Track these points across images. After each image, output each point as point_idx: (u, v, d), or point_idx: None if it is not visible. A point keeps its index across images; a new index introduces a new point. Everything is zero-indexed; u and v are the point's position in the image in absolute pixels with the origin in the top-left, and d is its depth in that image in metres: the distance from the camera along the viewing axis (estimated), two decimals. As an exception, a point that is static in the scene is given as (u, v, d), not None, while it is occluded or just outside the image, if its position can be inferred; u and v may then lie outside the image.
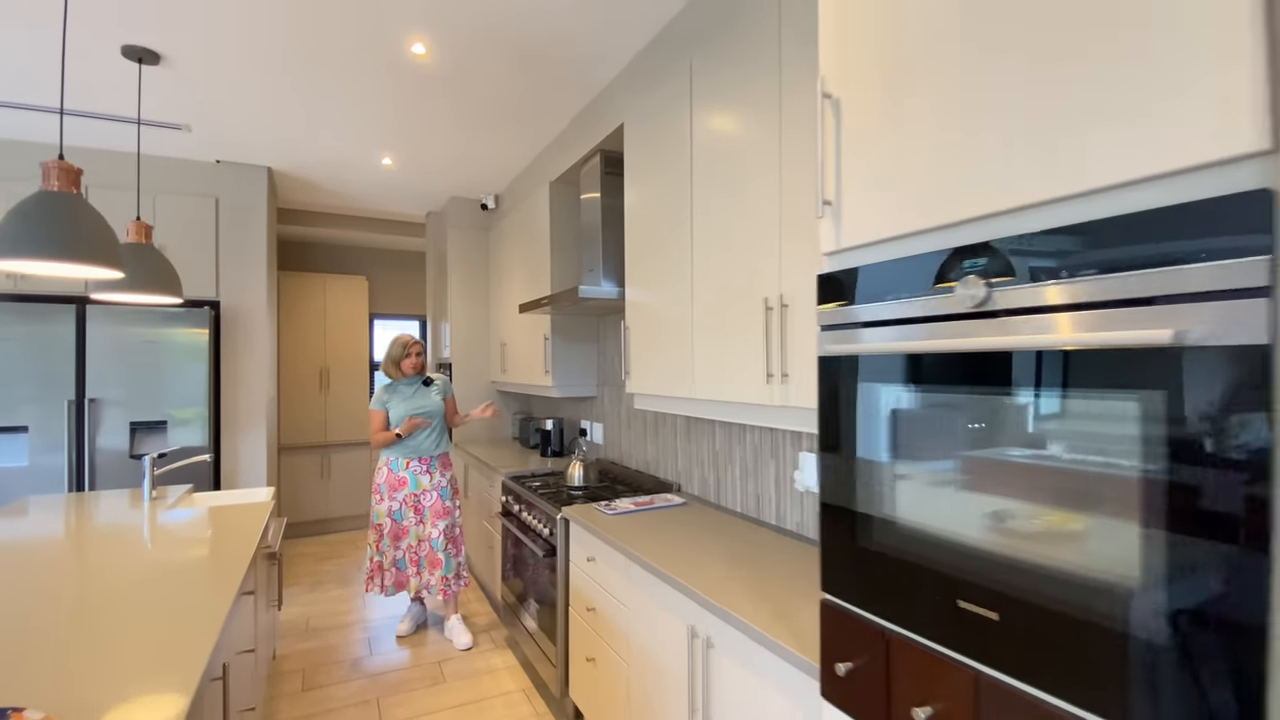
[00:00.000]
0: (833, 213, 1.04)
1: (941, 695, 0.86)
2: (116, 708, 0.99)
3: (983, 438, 0.81)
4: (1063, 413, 0.72)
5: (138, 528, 2.10)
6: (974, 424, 0.82)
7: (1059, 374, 0.72)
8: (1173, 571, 0.62)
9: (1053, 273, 0.73)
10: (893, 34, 0.95)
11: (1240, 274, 0.58)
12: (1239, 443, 0.58)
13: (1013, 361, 0.77)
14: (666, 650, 1.65)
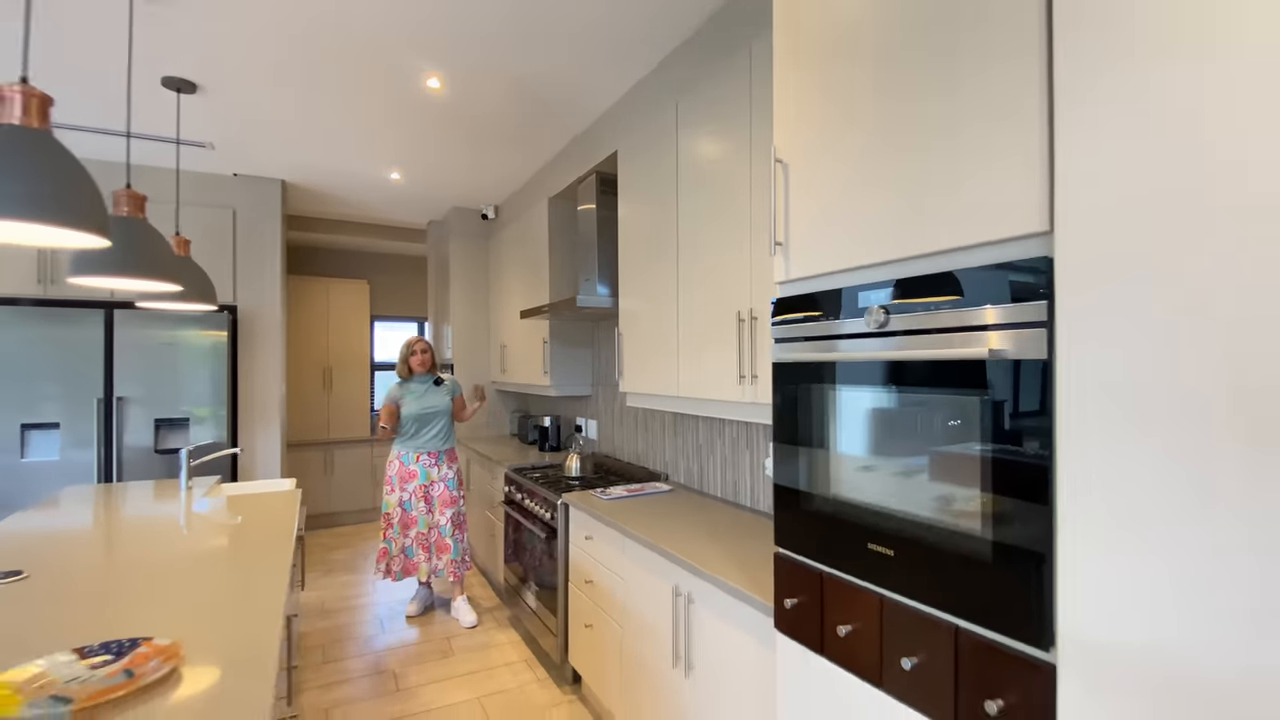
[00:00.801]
0: (783, 251, 1.34)
1: (858, 616, 1.16)
2: (223, 634, 1.27)
3: (883, 424, 1.11)
4: (929, 405, 1.02)
5: (189, 511, 2.37)
6: (872, 416, 1.12)
7: (926, 377, 1.02)
8: (997, 519, 0.92)
9: (925, 305, 1.03)
10: (819, 123, 1.25)
11: (1030, 312, 0.88)
12: (1030, 425, 0.88)
13: (898, 368, 1.07)
14: (655, 609, 1.95)
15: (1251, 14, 0.68)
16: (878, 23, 1.13)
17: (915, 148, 1.05)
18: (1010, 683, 0.91)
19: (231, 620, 1.35)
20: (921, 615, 1.04)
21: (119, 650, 1.16)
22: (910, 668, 1.05)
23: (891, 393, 1.09)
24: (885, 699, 1.11)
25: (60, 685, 1.05)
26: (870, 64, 1.15)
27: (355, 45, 2.36)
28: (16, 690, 1.03)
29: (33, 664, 1.11)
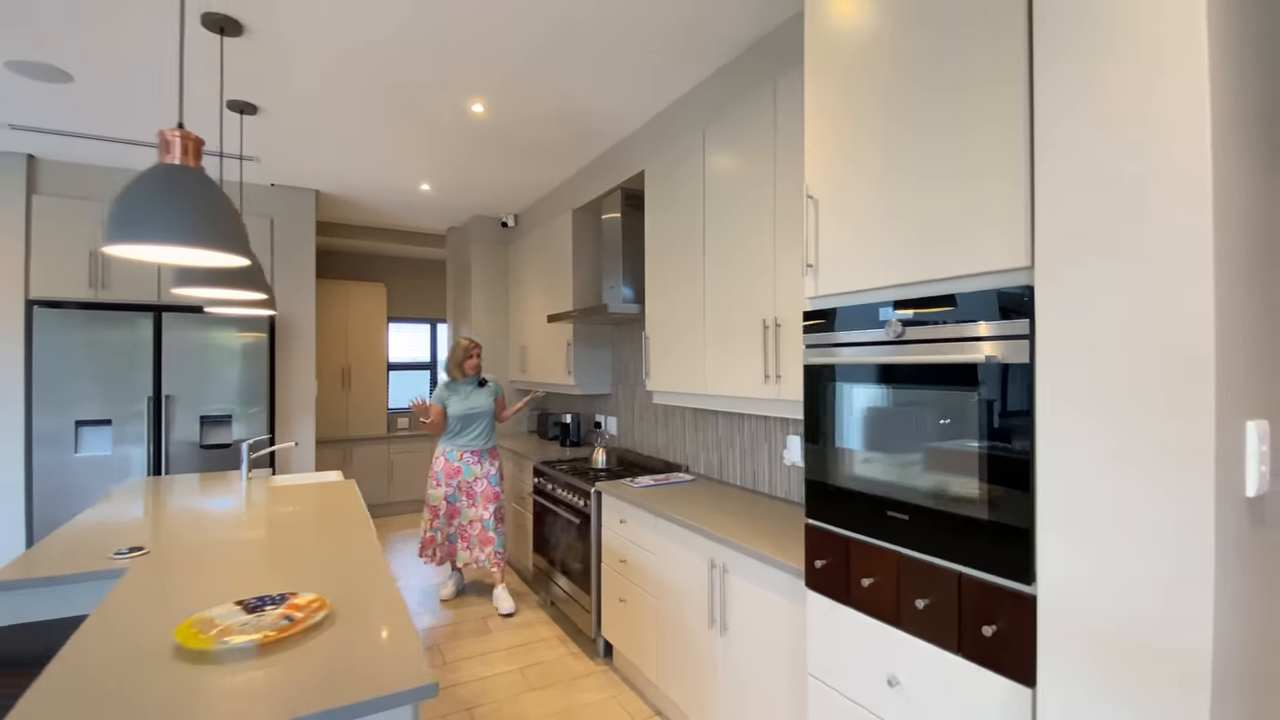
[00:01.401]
0: (813, 272, 1.61)
1: (879, 571, 1.43)
2: (348, 592, 1.51)
3: (896, 415, 1.37)
4: (938, 402, 1.29)
5: (265, 496, 2.60)
6: (891, 409, 1.38)
7: (935, 377, 1.29)
8: (991, 497, 1.19)
9: (933, 320, 1.30)
10: (844, 168, 1.51)
11: (1016, 327, 1.15)
12: (1015, 423, 1.15)
13: (914, 370, 1.34)
14: (690, 580, 2.21)
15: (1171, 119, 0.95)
16: (891, 89, 1.40)
17: (925, 194, 1.32)
18: (1002, 611, 1.18)
19: (350, 581, 1.60)
20: (931, 566, 1.31)
21: (273, 602, 1.41)
22: (923, 607, 1.32)
23: (907, 389, 1.36)
24: (902, 635, 1.37)
25: (237, 628, 1.30)
26: (886, 120, 1.42)
27: (410, 74, 2.60)
28: (205, 629, 1.27)
29: (206, 612, 1.36)
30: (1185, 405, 0.93)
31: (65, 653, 1.20)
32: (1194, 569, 0.92)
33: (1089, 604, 1.04)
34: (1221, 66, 0.94)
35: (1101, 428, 1.03)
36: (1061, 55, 1.09)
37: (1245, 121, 0.99)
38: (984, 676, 1.21)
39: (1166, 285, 0.95)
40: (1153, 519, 0.97)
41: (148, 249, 1.46)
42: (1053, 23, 1.10)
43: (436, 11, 2.14)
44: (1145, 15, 0.98)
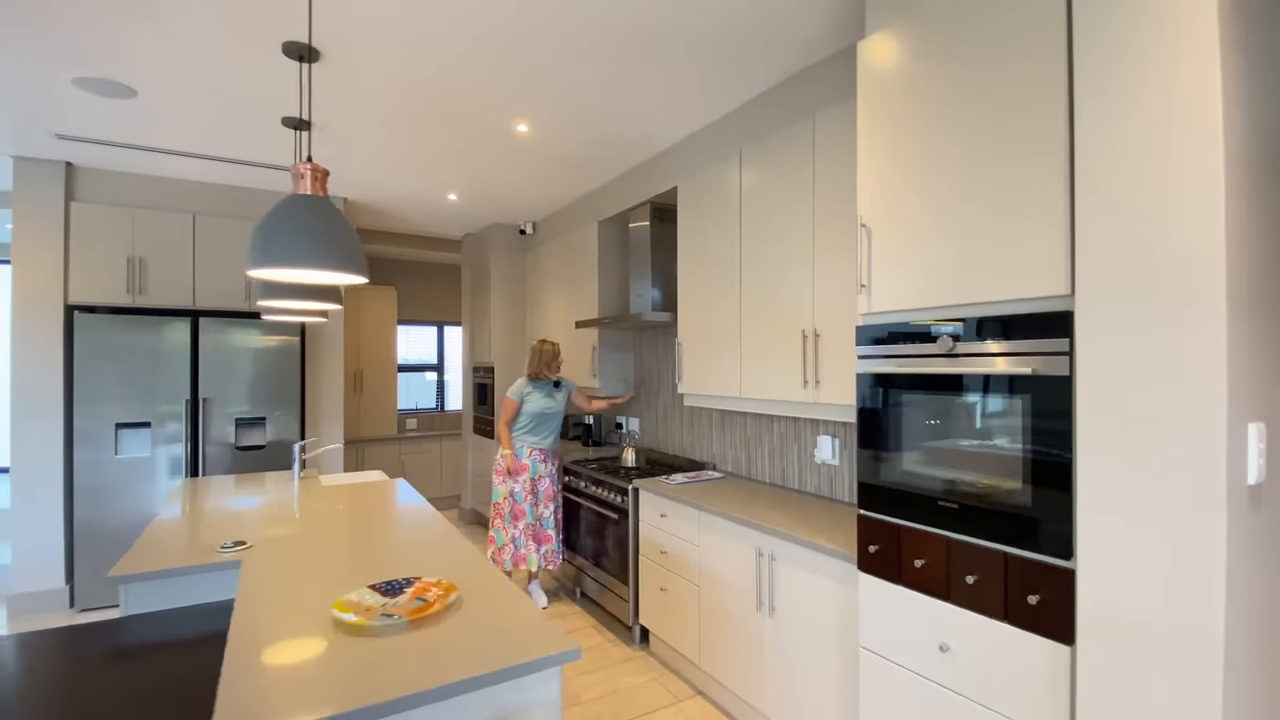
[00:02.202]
0: (866, 292, 1.82)
1: (928, 553, 1.65)
2: (460, 573, 1.69)
3: (945, 418, 1.59)
4: (981, 408, 1.51)
5: (325, 494, 2.75)
6: (940, 413, 1.61)
7: (985, 386, 1.51)
8: (1038, 493, 1.42)
9: (985, 335, 1.52)
10: (896, 199, 1.73)
11: (1057, 345, 1.38)
12: (1056, 425, 1.38)
13: (963, 380, 1.56)
14: (736, 568, 2.42)
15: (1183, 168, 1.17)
16: (938, 134, 1.62)
17: (972, 229, 1.55)
18: (1044, 583, 1.41)
19: (453, 566, 1.77)
20: (980, 547, 1.53)
21: (402, 586, 1.58)
22: (972, 583, 1.55)
23: (955, 395, 1.58)
24: (951, 607, 1.60)
25: (379, 608, 1.47)
26: (934, 161, 1.64)
27: (465, 98, 2.77)
28: (356, 609, 1.44)
29: (349, 595, 1.53)
30: (1202, 412, 1.16)
31: (237, 632, 1.36)
32: (1209, 541, 1.15)
33: (1123, 574, 1.27)
34: (1237, 129, 1.17)
35: (1132, 428, 1.26)
36: (1096, 122, 1.31)
37: (1253, 172, 1.23)
38: (1028, 639, 1.44)
39: (1188, 315, 1.18)
40: (1176, 503, 1.20)
41: (288, 272, 1.62)
42: (1089, 94, 1.33)
43: (499, 43, 2.31)
44: (1168, 88, 1.21)
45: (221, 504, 2.60)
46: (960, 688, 1.58)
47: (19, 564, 3.51)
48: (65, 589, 3.59)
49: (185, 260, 3.90)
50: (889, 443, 1.76)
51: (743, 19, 2.15)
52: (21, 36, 2.25)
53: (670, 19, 2.14)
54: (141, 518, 3.69)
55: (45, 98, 2.77)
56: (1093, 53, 1.32)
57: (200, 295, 3.95)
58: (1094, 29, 1.32)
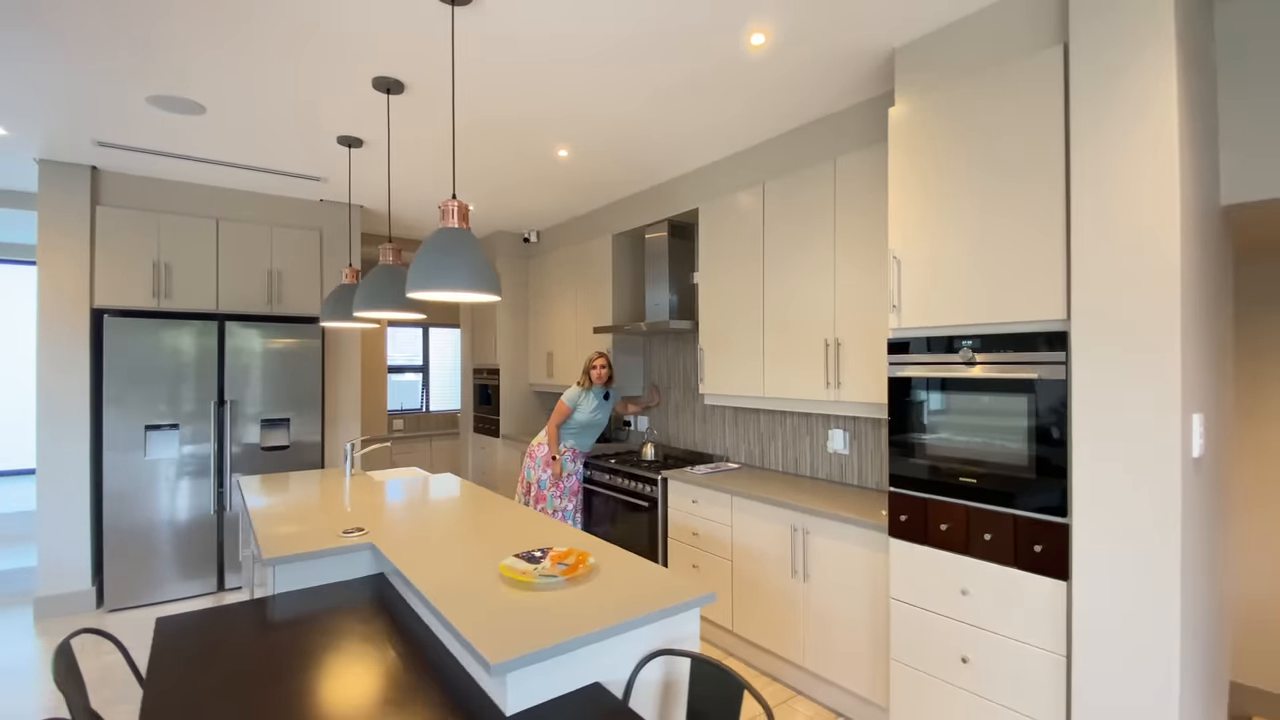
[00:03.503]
0: (896, 311, 2.26)
1: (951, 519, 2.10)
2: (577, 543, 2.01)
3: (964, 412, 2.04)
4: (995, 404, 1.96)
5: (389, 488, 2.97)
6: (960, 408, 2.05)
7: (997, 388, 1.97)
8: (1041, 468, 1.88)
9: (998, 347, 1.98)
10: (923, 235, 2.17)
11: (1056, 356, 1.84)
12: (1054, 415, 1.84)
13: (980, 382, 2.01)
14: (770, 543, 2.82)
15: (1158, 241, 1.65)
16: (959, 183, 2.07)
17: (989, 261, 2.00)
18: (1046, 536, 1.87)
19: (561, 537, 2.08)
20: (994, 512, 1.99)
21: (541, 554, 1.89)
22: (989, 539, 2.00)
23: (973, 394, 2.03)
24: (970, 560, 2.04)
25: (534, 571, 1.78)
26: (955, 204, 2.09)
27: (521, 128, 3.05)
28: (517, 571, 1.75)
29: (504, 561, 1.82)
30: (1163, 405, 1.64)
31: (431, 591, 1.65)
32: (1169, 497, 1.63)
33: (1105, 523, 1.74)
34: (1189, 189, 1.65)
35: (1112, 418, 1.72)
36: (1087, 192, 1.78)
37: (1200, 216, 1.72)
38: (1033, 578, 1.90)
39: (1152, 337, 1.66)
40: (1145, 471, 1.67)
41: (442, 294, 1.89)
42: (1081, 173, 1.79)
43: (564, 88, 2.63)
44: (1141, 170, 1.68)
45: (299, 498, 2.78)
46: (978, 621, 2.03)
47: (46, 566, 3.52)
48: (92, 590, 3.63)
49: (209, 265, 3.98)
50: (916, 433, 2.20)
51: (774, 85, 2.55)
52: (111, 58, 2.40)
53: (719, 81, 2.52)
54: (171, 517, 3.76)
55: (109, 110, 2.87)
56: (1083, 145, 1.79)
57: (223, 299, 4.03)
58: (1085, 123, 1.79)
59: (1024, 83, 1.93)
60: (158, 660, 1.52)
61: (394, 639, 1.63)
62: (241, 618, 1.77)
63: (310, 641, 1.61)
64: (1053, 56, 1.87)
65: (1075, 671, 1.80)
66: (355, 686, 1.38)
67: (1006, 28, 2.03)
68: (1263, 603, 2.66)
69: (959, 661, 2.08)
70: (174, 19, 2.12)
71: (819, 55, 2.37)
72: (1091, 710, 1.76)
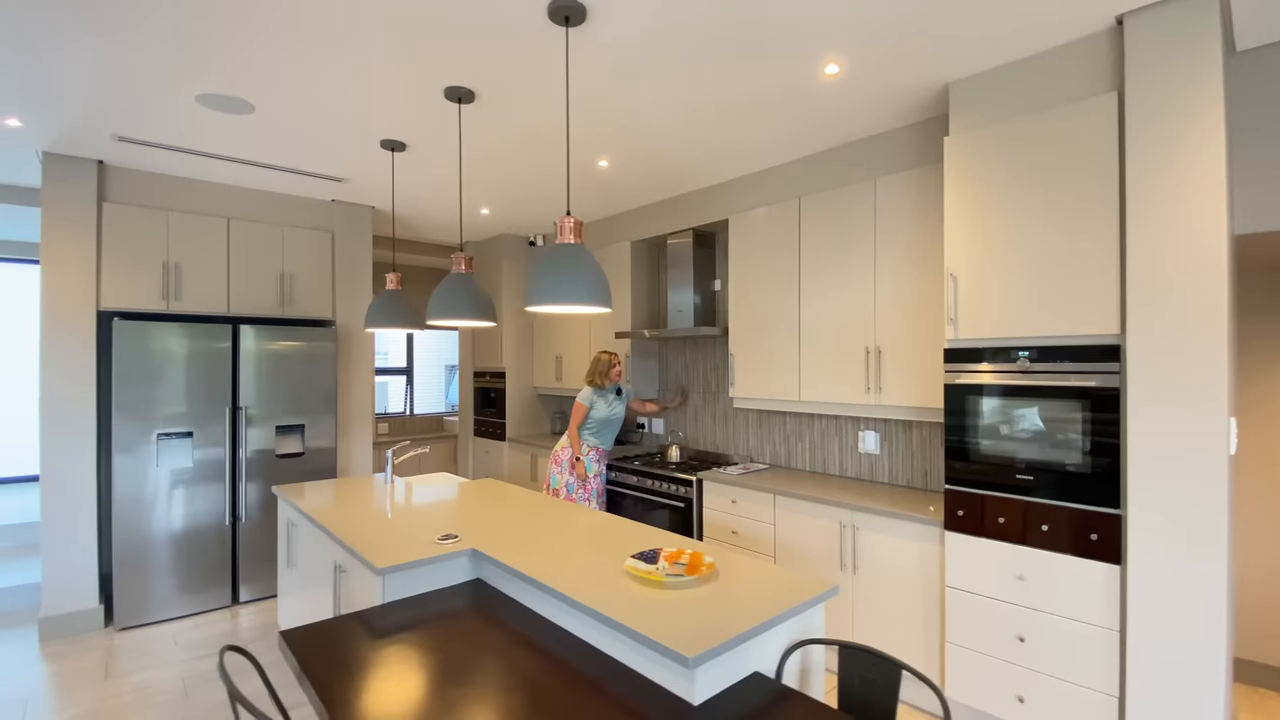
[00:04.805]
0: (953, 323, 2.47)
1: (1008, 513, 2.32)
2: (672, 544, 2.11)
3: (1020, 416, 2.27)
4: (1051, 409, 2.19)
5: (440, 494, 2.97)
6: (1016, 413, 2.28)
7: (1053, 394, 2.20)
8: (1096, 466, 2.12)
9: (1054, 358, 2.21)
10: (977, 256, 2.39)
11: (1111, 367, 2.08)
12: (1109, 420, 2.08)
13: (1036, 390, 2.24)
14: (817, 539, 3.00)
15: (1207, 268, 1.91)
16: (1010, 210, 2.30)
17: (1043, 278, 2.23)
18: (1101, 526, 2.11)
19: (659, 538, 2.18)
20: (1050, 505, 2.22)
21: (654, 555, 1.99)
22: (1046, 530, 2.23)
23: (1028, 400, 2.26)
24: (1026, 549, 2.27)
25: (657, 570, 1.87)
26: (1011, 222, 2.31)
27: (560, 141, 3.11)
28: (642, 571, 1.84)
29: (627, 561, 1.91)
30: (1210, 409, 1.89)
31: (566, 588, 1.72)
32: (1216, 492, 1.89)
33: (1159, 514, 1.99)
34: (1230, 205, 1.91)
35: (1165, 420, 1.98)
36: (1142, 216, 2.03)
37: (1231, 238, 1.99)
38: (1088, 564, 2.14)
39: (1202, 345, 1.91)
40: (1194, 467, 1.92)
41: (561, 308, 1.95)
42: (1137, 199, 2.04)
43: (618, 107, 2.72)
44: (1192, 195, 1.93)
45: (359, 508, 2.75)
46: (1035, 604, 2.26)
47: (51, 582, 3.31)
48: (100, 608, 3.44)
49: (220, 265, 3.83)
50: (972, 434, 2.41)
51: (829, 111, 2.72)
52: (171, 53, 2.32)
53: (781, 104, 2.67)
54: (183, 529, 3.61)
55: (149, 105, 2.75)
56: (1139, 179, 2.03)
57: (234, 301, 3.89)
58: (1141, 160, 2.03)
59: (1080, 122, 2.17)
60: (313, 671, 1.53)
61: (528, 641, 1.69)
62: (364, 628, 1.78)
63: (453, 647, 1.65)
64: (1108, 101, 2.11)
65: (1130, 643, 2.04)
66: (528, 688, 1.45)
67: (1060, 71, 2.26)
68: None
69: (1016, 641, 2.30)
70: (242, 19, 2.09)
71: (879, 86, 2.55)
72: (1145, 673, 2.01)
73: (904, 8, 2.02)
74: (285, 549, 2.99)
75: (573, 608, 1.70)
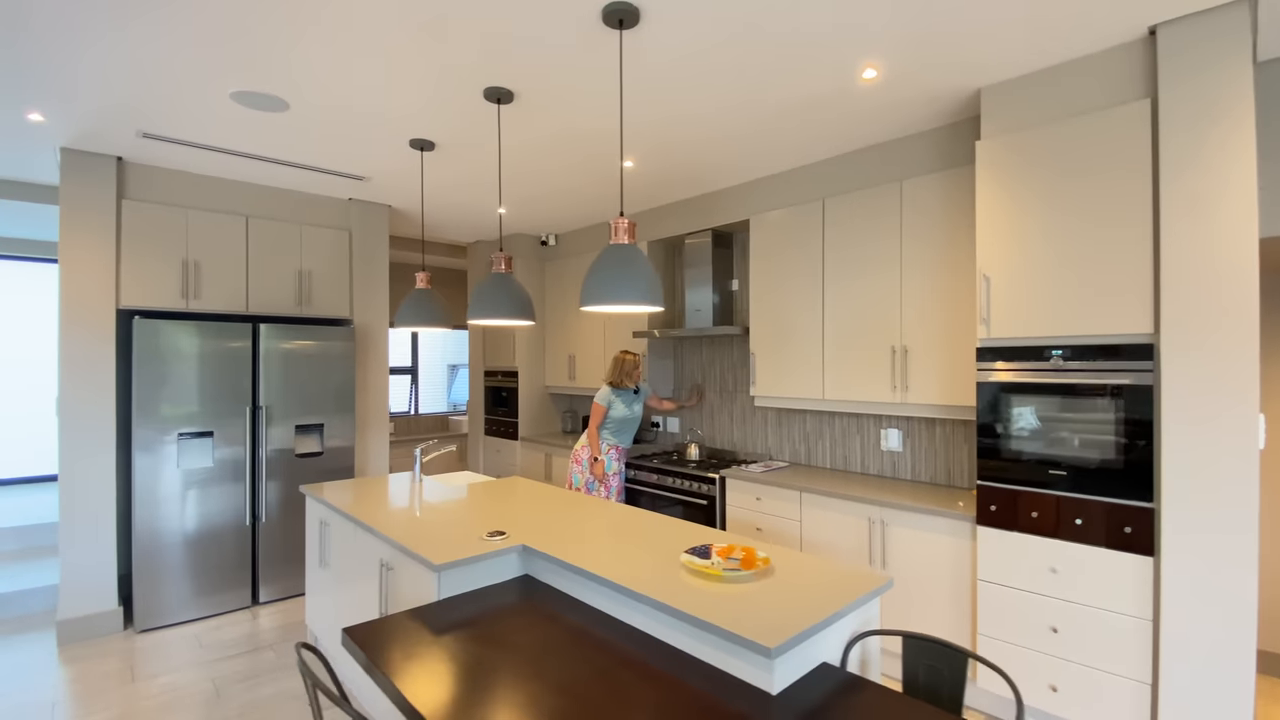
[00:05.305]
0: (985, 323, 2.53)
1: (1041, 508, 2.38)
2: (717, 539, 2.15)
3: (1052, 413, 2.33)
4: (1084, 406, 2.26)
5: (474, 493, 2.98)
6: (1048, 409, 2.34)
7: (1086, 391, 2.27)
8: (1129, 461, 2.19)
9: (1087, 356, 2.28)
10: (1009, 257, 2.45)
11: (1144, 365, 2.15)
12: (1141, 416, 2.15)
13: (1070, 387, 2.30)
14: (845, 534, 3.05)
15: (1240, 270, 1.98)
16: (1042, 212, 2.36)
17: (1073, 279, 2.30)
18: (1134, 519, 2.18)
19: (705, 534, 2.22)
20: (1083, 499, 2.29)
21: (706, 550, 2.02)
22: (1079, 524, 2.29)
23: (1061, 398, 2.32)
24: (1059, 542, 2.34)
25: (713, 564, 1.90)
26: (1044, 224, 2.37)
27: (594, 144, 3.14)
28: (698, 565, 1.87)
29: (682, 556, 1.94)
30: (1242, 406, 1.97)
31: (626, 580, 1.74)
32: (1246, 482, 1.96)
33: (1189, 507, 2.06)
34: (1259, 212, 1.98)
35: (1197, 416, 2.05)
36: (1176, 218, 2.10)
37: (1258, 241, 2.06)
38: (1121, 556, 2.21)
39: (1234, 344, 1.98)
40: (1225, 461, 2.00)
41: (616, 308, 1.98)
42: (1172, 203, 2.11)
43: (666, 106, 2.76)
44: (1226, 198, 2.01)
45: (397, 507, 2.76)
46: (1067, 595, 2.32)
47: (69, 584, 3.27)
48: (119, 610, 3.40)
49: (239, 264, 3.80)
50: (1005, 431, 2.48)
51: (859, 114, 2.78)
52: (214, 47, 2.32)
53: (816, 107, 2.72)
54: (203, 529, 3.58)
55: (181, 102, 2.74)
56: (1173, 184, 2.10)
57: (253, 300, 3.86)
58: (1175, 165, 2.10)
59: (1115, 127, 2.24)
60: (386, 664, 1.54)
61: (591, 634, 1.72)
62: (424, 623, 1.79)
63: (518, 640, 1.67)
64: (1142, 108, 2.18)
65: (1163, 631, 2.11)
66: (606, 680, 1.47)
67: (1091, 78, 2.33)
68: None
69: (1049, 631, 2.37)
70: (288, 15, 2.09)
71: (912, 90, 2.61)
72: (1178, 660, 2.08)
73: (942, 16, 2.07)
74: (317, 548, 2.98)
75: (639, 602, 1.72)
